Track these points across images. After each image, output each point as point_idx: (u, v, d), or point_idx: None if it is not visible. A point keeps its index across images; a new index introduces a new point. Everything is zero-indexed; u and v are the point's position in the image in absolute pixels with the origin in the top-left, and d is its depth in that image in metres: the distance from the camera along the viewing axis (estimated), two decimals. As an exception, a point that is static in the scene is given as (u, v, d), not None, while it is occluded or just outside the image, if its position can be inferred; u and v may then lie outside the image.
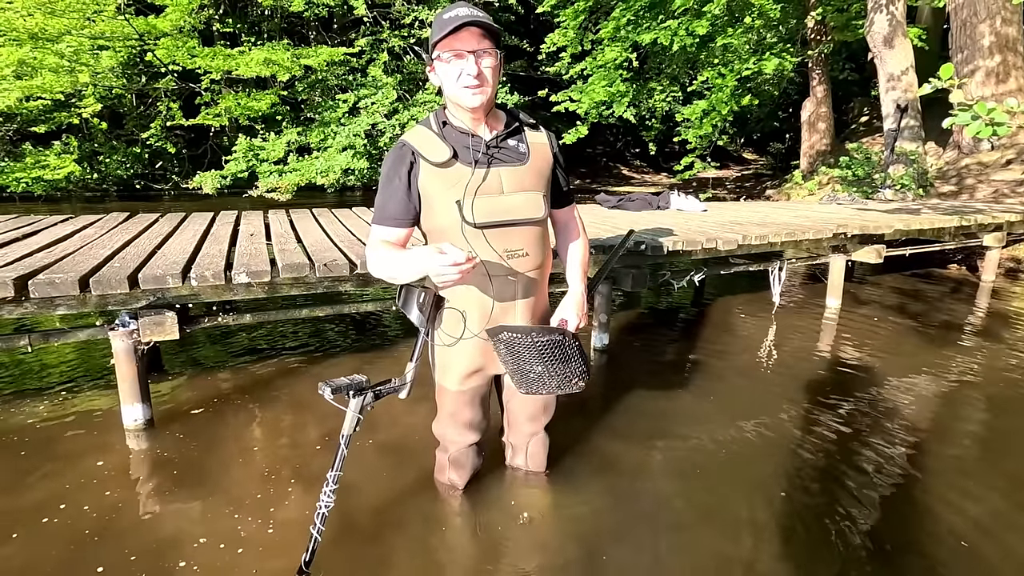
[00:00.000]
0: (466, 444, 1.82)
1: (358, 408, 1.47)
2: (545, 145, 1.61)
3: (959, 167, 7.51)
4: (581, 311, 1.65)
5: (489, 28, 1.40)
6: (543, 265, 1.64)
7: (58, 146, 11.49)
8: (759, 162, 19.45)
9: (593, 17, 11.38)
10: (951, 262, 5.91)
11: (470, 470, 1.88)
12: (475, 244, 1.50)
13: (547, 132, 1.64)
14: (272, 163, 11.94)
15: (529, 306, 1.64)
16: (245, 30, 12.89)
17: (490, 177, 1.50)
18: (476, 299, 1.57)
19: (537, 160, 1.58)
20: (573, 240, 1.78)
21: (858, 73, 12.63)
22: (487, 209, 1.49)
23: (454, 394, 1.71)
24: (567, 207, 1.75)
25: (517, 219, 1.53)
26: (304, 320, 3.84)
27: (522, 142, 1.57)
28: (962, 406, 2.75)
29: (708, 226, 3.72)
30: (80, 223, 3.21)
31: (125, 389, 2.29)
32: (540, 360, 1.49)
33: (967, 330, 3.94)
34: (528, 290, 1.62)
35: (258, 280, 2.25)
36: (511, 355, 1.53)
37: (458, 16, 1.36)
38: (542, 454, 1.95)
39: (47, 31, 9.60)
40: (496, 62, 1.45)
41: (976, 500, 1.96)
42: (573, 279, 1.75)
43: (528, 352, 1.50)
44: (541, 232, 1.60)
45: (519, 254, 1.56)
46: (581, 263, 1.75)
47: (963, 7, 7.56)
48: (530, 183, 1.55)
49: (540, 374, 1.52)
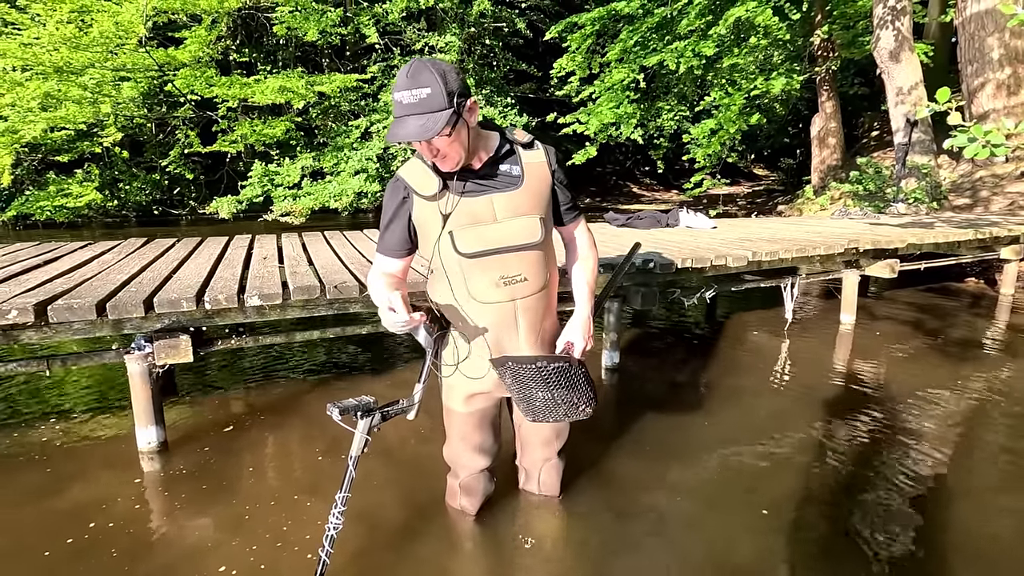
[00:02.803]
0: (477, 469, 1.80)
1: (366, 429, 1.47)
2: (541, 164, 1.54)
3: (973, 179, 7.43)
4: (587, 334, 1.62)
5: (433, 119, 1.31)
6: (546, 288, 1.61)
7: (80, 174, 11.82)
8: (770, 178, 19.40)
9: (601, 40, 11.54)
10: (968, 276, 5.82)
11: (481, 496, 1.85)
12: (468, 273, 1.51)
13: (544, 148, 1.56)
14: (287, 188, 12.16)
15: (534, 330, 1.61)
16: (261, 59, 13.25)
17: (481, 205, 1.48)
18: (474, 328, 1.58)
19: (533, 181, 1.52)
20: (579, 258, 1.71)
21: (868, 88, 12.62)
22: (478, 238, 1.48)
23: (461, 416, 1.71)
24: (571, 223, 1.68)
25: (511, 246, 1.50)
26: (318, 341, 3.87)
27: (516, 164, 1.51)
28: (983, 425, 2.68)
29: (717, 243, 3.71)
30: (99, 249, 3.30)
31: (140, 412, 2.32)
32: (545, 388, 1.48)
33: (986, 345, 3.86)
34: (531, 315, 1.58)
35: (270, 303, 2.28)
36: (517, 384, 1.51)
37: (400, 104, 1.33)
38: (555, 480, 1.92)
39: (72, 64, 9.95)
40: (451, 135, 1.35)
41: (1001, 522, 1.91)
42: (579, 300, 1.68)
43: (533, 381, 1.48)
44: (541, 255, 1.56)
45: (517, 280, 1.53)
46: (587, 283, 1.68)
47: (970, 21, 7.56)
48: (526, 207, 1.51)
49: (546, 402, 1.50)
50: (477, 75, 13.84)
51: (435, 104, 1.31)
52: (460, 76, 1.37)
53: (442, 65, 1.34)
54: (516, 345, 1.60)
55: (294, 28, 11.90)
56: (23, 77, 10.08)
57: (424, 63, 1.33)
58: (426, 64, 1.33)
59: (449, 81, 1.32)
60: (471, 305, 1.55)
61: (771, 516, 1.93)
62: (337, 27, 12.36)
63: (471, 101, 1.38)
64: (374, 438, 1.53)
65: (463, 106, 1.35)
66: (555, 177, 1.57)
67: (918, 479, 2.17)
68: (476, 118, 1.43)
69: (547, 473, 1.89)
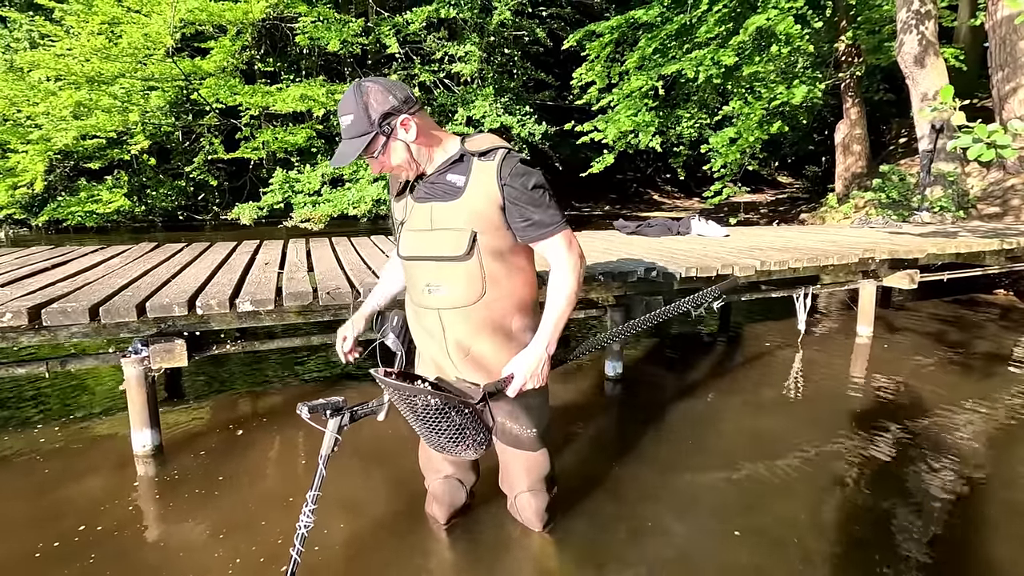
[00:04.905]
0: (441, 475, 1.79)
1: (335, 428, 1.48)
2: (490, 177, 1.42)
3: (1004, 187, 7.15)
4: (532, 370, 1.44)
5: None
6: (481, 304, 1.50)
7: (110, 181, 12.19)
8: (795, 185, 19.04)
9: (620, 49, 11.48)
10: (997, 287, 5.59)
11: (448, 505, 1.82)
12: (406, 273, 1.63)
13: (502, 161, 1.42)
14: (307, 194, 12.36)
15: (461, 348, 1.54)
16: (285, 68, 13.54)
17: (422, 212, 1.51)
18: (416, 330, 1.65)
19: (474, 194, 1.43)
20: (552, 279, 1.50)
21: (895, 94, 12.30)
22: (411, 243, 1.55)
23: None
24: (541, 240, 1.47)
25: (434, 255, 1.50)
26: (319, 345, 3.88)
27: (462, 174, 1.45)
28: (1011, 446, 2.54)
29: (726, 251, 3.62)
30: (107, 253, 3.36)
31: (135, 415, 2.34)
32: (416, 419, 1.39)
33: (1014, 360, 3.68)
34: (458, 330, 1.53)
35: (263, 308, 2.29)
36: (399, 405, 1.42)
37: (341, 127, 1.42)
38: (530, 512, 1.77)
39: (103, 74, 10.29)
40: (378, 155, 1.42)
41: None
42: (539, 330, 1.48)
43: (405, 406, 1.38)
44: (470, 270, 1.47)
45: (438, 290, 1.52)
46: (552, 310, 1.47)
47: (1001, 24, 7.31)
48: (458, 219, 1.45)
49: (428, 432, 1.40)
50: (496, 84, 13.90)
51: (358, 129, 1.39)
52: (394, 94, 1.39)
53: (370, 88, 1.39)
54: (444, 358, 1.58)
55: (316, 38, 12.13)
56: (56, 87, 10.46)
57: (353, 89, 1.39)
58: (355, 89, 1.39)
59: (373, 105, 1.37)
60: (411, 307, 1.66)
61: (773, 536, 1.84)
62: (359, 37, 12.55)
63: (402, 119, 1.40)
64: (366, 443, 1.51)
65: (390, 126, 1.40)
66: (506, 192, 1.42)
67: (938, 501, 2.05)
68: (412, 133, 1.43)
69: (522, 504, 1.78)
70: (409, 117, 1.41)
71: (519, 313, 1.57)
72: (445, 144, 1.51)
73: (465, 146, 1.48)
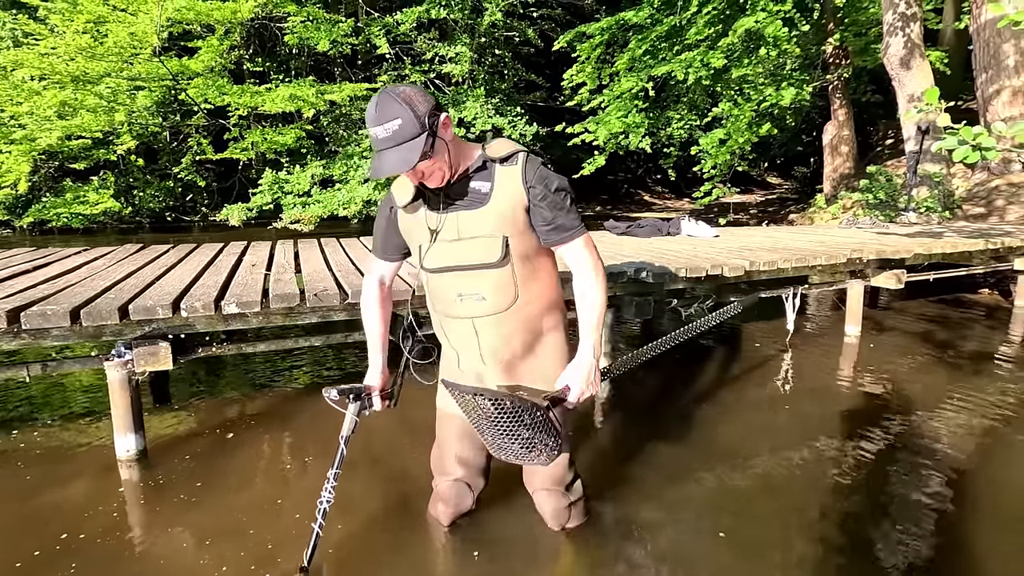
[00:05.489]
0: (451, 477, 1.77)
1: (356, 412, 1.66)
2: (515, 181, 1.43)
3: (989, 188, 7.25)
4: (588, 379, 1.46)
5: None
6: (513, 310, 1.51)
7: (96, 181, 12.03)
8: (784, 186, 19.19)
9: (610, 50, 11.51)
10: (982, 287, 5.65)
11: (453, 508, 1.80)
12: (432, 286, 1.59)
13: (525, 163, 1.44)
14: (296, 195, 12.27)
15: (495, 353, 1.55)
16: (274, 68, 13.44)
17: (447, 222, 1.48)
18: (442, 338, 1.65)
19: (501, 199, 1.44)
20: (578, 285, 1.51)
21: (882, 95, 12.42)
22: (440, 255, 1.51)
23: (446, 417, 1.72)
24: (563, 244, 1.48)
25: (467, 264, 1.48)
26: (309, 348, 3.85)
27: (487, 180, 1.45)
28: (997, 443, 2.56)
29: (716, 252, 3.63)
30: (92, 255, 3.31)
31: (118, 419, 2.30)
32: (490, 426, 1.38)
33: (999, 359, 3.73)
34: (492, 336, 1.53)
35: (249, 310, 2.26)
36: (467, 415, 1.43)
37: (376, 139, 1.34)
38: (551, 511, 1.77)
39: (88, 74, 10.16)
40: (431, 158, 1.36)
41: (1014, 545, 1.81)
42: (583, 340, 1.49)
43: (474, 413, 1.39)
44: (504, 275, 1.48)
45: (474, 298, 1.50)
46: (589, 318, 1.49)
47: (985, 27, 7.41)
48: (488, 226, 1.44)
49: (494, 438, 1.40)
50: (487, 84, 13.88)
51: (409, 132, 1.32)
52: (427, 97, 1.37)
53: (407, 91, 1.35)
54: (477, 365, 1.58)
55: (306, 38, 12.05)
56: (40, 86, 10.31)
57: (388, 94, 1.34)
58: (390, 94, 1.34)
59: (417, 106, 1.33)
60: (437, 316, 1.64)
61: (764, 536, 1.84)
62: (348, 37, 12.49)
63: (444, 117, 1.38)
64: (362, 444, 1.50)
65: (436, 125, 1.36)
66: (531, 194, 1.44)
67: (926, 500, 2.06)
68: (450, 133, 1.41)
69: (539, 502, 1.78)
70: (447, 116, 1.41)
71: (548, 314, 1.60)
72: (468, 151, 1.49)
73: (487, 152, 1.47)
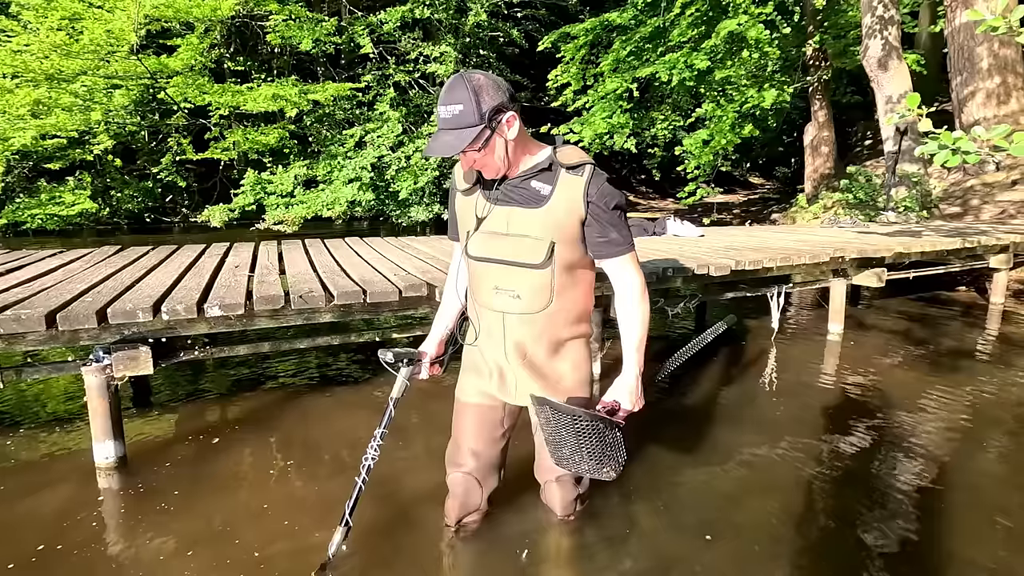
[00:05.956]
0: (459, 469, 1.74)
1: (407, 375, 1.71)
2: (577, 192, 1.45)
3: (964, 188, 7.41)
4: (636, 394, 1.52)
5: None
6: (546, 313, 1.54)
7: (72, 182, 11.75)
8: (766, 186, 19.42)
9: (595, 51, 11.55)
10: (959, 284, 5.77)
11: (460, 503, 1.77)
12: (472, 272, 1.63)
13: (591, 176, 1.45)
14: (279, 196, 12.12)
15: (520, 350, 1.58)
16: (255, 67, 13.25)
17: (500, 215, 1.51)
18: (474, 320, 1.69)
19: (559, 205, 1.46)
20: (620, 302, 1.55)
21: (861, 96, 12.65)
22: (484, 244, 1.55)
23: (463, 407, 1.74)
24: (606, 258, 1.52)
25: (509, 260, 1.51)
26: (296, 351, 3.80)
27: (549, 184, 1.47)
28: (975, 437, 2.61)
29: (702, 251, 3.66)
30: (68, 257, 3.23)
31: (97, 425, 2.24)
32: (575, 442, 1.45)
33: (977, 355, 3.81)
34: (519, 334, 1.57)
35: (233, 313, 2.22)
36: (549, 427, 1.50)
37: (439, 118, 1.40)
38: (558, 499, 1.81)
39: (63, 72, 9.93)
40: (480, 150, 1.40)
41: (992, 534, 1.84)
42: (626, 357, 1.54)
43: (565, 431, 1.45)
44: (543, 278, 1.51)
45: (509, 294, 1.54)
46: (631, 338, 1.53)
47: (960, 31, 7.58)
48: (538, 228, 1.47)
49: (572, 453, 1.47)
50: (472, 84, 13.83)
51: (466, 120, 1.36)
52: (500, 91, 1.39)
53: (481, 80, 1.37)
54: (499, 358, 1.62)
55: (288, 37, 11.91)
56: (13, 84, 10.05)
57: (462, 78, 1.37)
58: (463, 79, 1.37)
59: (483, 97, 1.36)
60: (472, 303, 1.69)
61: (745, 536, 1.85)
62: (331, 36, 12.37)
63: (509, 115, 1.40)
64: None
65: (497, 121, 1.39)
66: (591, 208, 1.46)
67: (908, 492, 2.09)
68: (514, 131, 1.43)
69: (550, 490, 1.82)
70: (515, 115, 1.41)
71: (575, 324, 1.62)
72: (535, 150, 1.51)
73: (556, 156, 1.48)
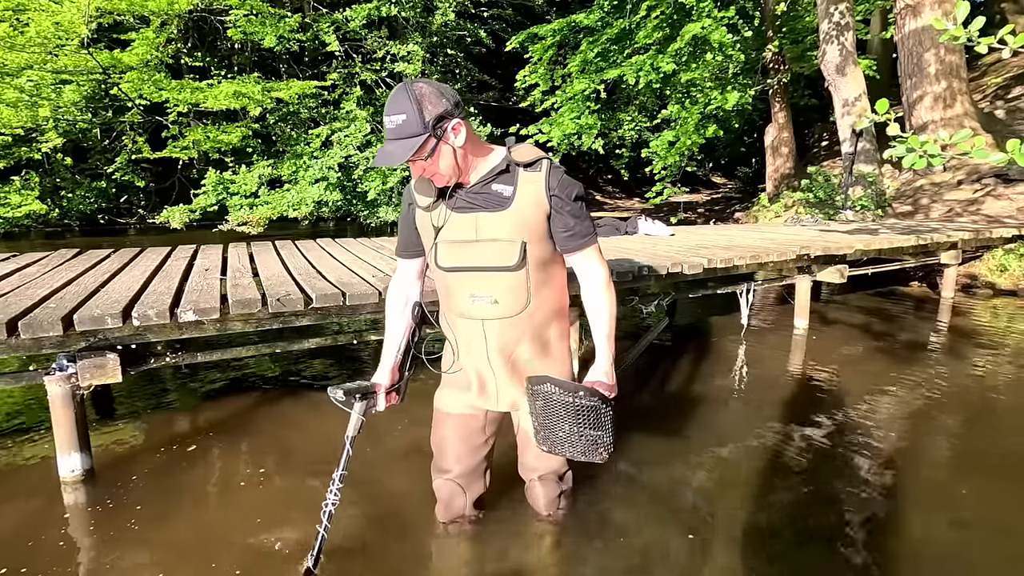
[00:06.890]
0: (443, 476, 1.75)
1: (362, 411, 1.61)
2: (538, 186, 1.46)
3: (915, 187, 7.78)
4: (611, 381, 1.53)
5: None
6: (525, 314, 1.54)
7: (18, 182, 11.17)
8: (728, 186, 19.95)
9: (562, 51, 11.65)
10: (912, 279, 6.06)
11: (444, 507, 1.77)
12: (443, 284, 1.60)
13: (549, 170, 1.47)
14: (243, 196, 11.78)
15: (504, 354, 1.58)
16: (215, 64, 12.85)
17: (466, 223, 1.49)
18: (451, 336, 1.65)
19: (523, 204, 1.46)
20: (587, 293, 1.57)
21: (817, 99, 13.13)
22: (454, 255, 1.52)
23: (443, 417, 1.72)
24: (575, 251, 1.52)
25: (483, 266, 1.50)
26: (268, 356, 3.71)
27: (510, 184, 1.47)
28: (929, 423, 2.75)
29: (674, 250, 3.74)
30: (23, 261, 3.07)
31: (61, 437, 2.14)
32: (573, 421, 1.45)
33: (929, 346, 4.00)
34: (501, 338, 1.56)
35: (207, 318, 2.15)
36: (545, 409, 1.49)
37: (385, 127, 1.39)
38: (541, 497, 1.79)
39: (6, 66, 9.42)
40: (428, 158, 1.38)
41: (946, 514, 1.94)
42: (598, 347, 1.56)
43: (564, 410, 1.45)
44: (519, 280, 1.51)
45: (486, 300, 1.53)
46: (601, 326, 1.55)
47: (909, 37, 7.95)
48: (508, 230, 1.47)
49: (568, 435, 1.47)
50: (439, 84, 13.75)
51: (409, 130, 1.35)
52: (444, 99, 1.37)
53: (424, 89, 1.36)
54: (482, 365, 1.61)
55: (250, 33, 11.60)
56: (-49, 78, 9.49)
57: (404, 88, 1.36)
58: (406, 89, 1.36)
59: (426, 106, 1.35)
60: (449, 316, 1.64)
61: (723, 526, 1.91)
62: (295, 33, 12.10)
63: (455, 123, 1.39)
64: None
65: (442, 129, 1.37)
66: (554, 202, 1.47)
67: (870, 478, 2.19)
68: (462, 138, 1.41)
69: (538, 489, 1.80)
70: (461, 122, 1.40)
71: (555, 321, 1.63)
72: (488, 154, 1.50)
73: (512, 156, 1.48)
